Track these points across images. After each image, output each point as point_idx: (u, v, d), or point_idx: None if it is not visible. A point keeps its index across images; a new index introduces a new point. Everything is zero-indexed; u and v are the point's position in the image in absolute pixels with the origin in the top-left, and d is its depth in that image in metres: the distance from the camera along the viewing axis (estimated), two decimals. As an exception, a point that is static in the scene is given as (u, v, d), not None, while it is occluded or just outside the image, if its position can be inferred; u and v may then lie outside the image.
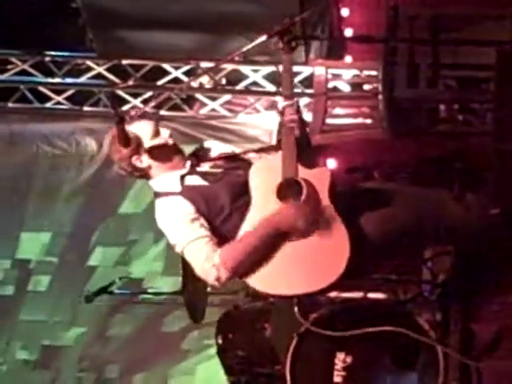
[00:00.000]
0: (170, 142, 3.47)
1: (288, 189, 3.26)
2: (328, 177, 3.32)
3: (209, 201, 3.34)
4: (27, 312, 6.59)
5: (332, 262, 3.20)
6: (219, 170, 3.46)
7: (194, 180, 3.42)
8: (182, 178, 3.42)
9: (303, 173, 3.29)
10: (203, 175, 3.44)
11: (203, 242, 3.27)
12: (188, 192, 3.37)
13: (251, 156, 3.57)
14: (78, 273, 6.55)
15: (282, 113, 3.35)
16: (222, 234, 3.33)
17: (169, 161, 3.45)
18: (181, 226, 3.31)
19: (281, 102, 3.40)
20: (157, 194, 3.44)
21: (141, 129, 3.43)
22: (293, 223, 3.21)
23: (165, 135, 3.47)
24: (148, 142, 3.42)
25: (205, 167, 3.48)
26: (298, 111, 3.39)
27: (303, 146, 3.38)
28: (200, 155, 3.56)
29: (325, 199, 3.27)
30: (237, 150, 3.65)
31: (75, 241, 6.66)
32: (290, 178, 3.27)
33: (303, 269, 3.22)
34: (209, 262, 3.24)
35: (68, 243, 6.67)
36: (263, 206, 3.28)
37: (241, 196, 3.35)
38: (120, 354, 6.46)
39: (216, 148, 3.61)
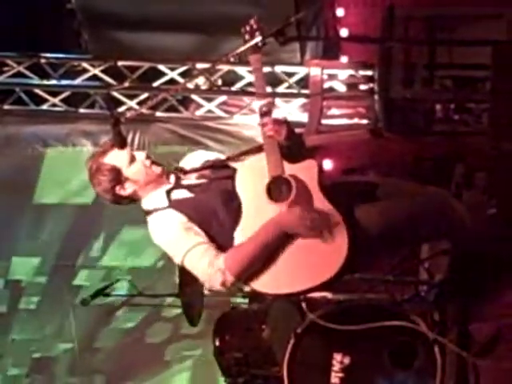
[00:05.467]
0: (148, 163, 3.44)
1: (277, 187, 3.24)
2: (315, 167, 3.29)
3: (198, 211, 3.33)
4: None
5: (332, 255, 3.17)
6: (205, 181, 3.44)
7: (181, 193, 3.41)
8: (168, 192, 3.41)
9: (289, 168, 3.27)
10: (189, 188, 3.42)
11: (203, 249, 3.25)
12: (176, 204, 3.36)
13: (236, 161, 3.51)
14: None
15: (261, 114, 3.32)
16: (217, 242, 3.30)
17: (151, 181, 3.43)
18: (176, 236, 3.29)
19: (257, 102, 3.38)
20: (147, 212, 3.43)
21: (116, 158, 3.41)
22: (298, 225, 3.19)
23: (141, 158, 3.44)
24: (126, 170, 3.41)
25: (190, 179, 3.46)
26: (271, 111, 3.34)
27: (297, 145, 3.37)
28: (184, 168, 3.53)
29: (315, 190, 3.25)
30: (222, 156, 3.60)
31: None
32: (276, 176, 3.25)
33: (305, 265, 3.21)
34: (213, 267, 3.21)
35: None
36: (255, 208, 3.26)
37: (230, 202, 3.33)
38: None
39: (201, 157, 3.58)
